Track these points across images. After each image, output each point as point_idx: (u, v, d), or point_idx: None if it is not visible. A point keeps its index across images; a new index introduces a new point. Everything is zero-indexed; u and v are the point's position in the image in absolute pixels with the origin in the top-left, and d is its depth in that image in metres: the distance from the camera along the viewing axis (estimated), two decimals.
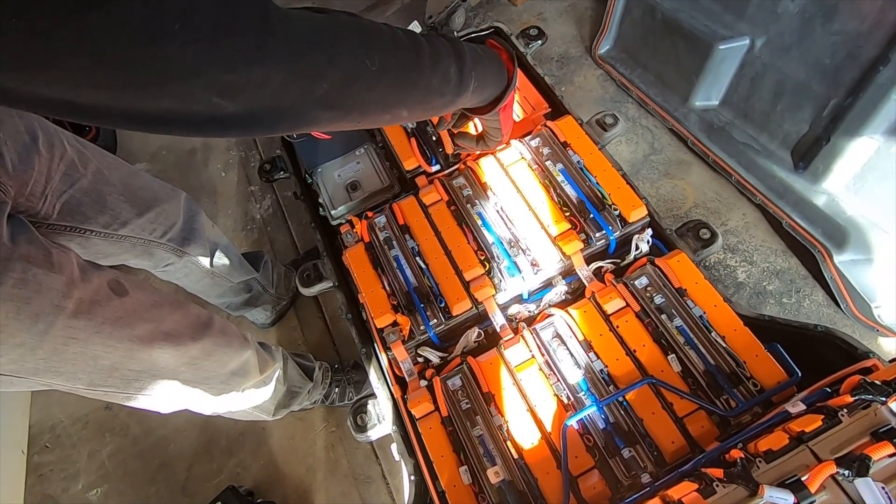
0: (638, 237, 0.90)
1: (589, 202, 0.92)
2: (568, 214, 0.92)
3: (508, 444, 0.75)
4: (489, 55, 0.69)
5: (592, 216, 0.90)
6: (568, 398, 0.77)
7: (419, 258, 0.93)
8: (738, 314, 0.79)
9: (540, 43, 1.29)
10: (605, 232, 0.89)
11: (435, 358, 0.87)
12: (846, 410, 0.58)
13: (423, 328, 0.86)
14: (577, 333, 0.82)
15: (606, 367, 0.78)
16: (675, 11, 1.45)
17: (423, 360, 0.88)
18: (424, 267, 0.92)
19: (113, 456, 1.40)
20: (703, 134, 1.49)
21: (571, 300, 0.91)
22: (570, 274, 0.90)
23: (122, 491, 1.35)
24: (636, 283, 0.85)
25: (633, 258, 0.92)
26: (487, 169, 1.00)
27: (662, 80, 1.59)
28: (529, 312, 0.90)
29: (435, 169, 1.06)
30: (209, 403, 0.89)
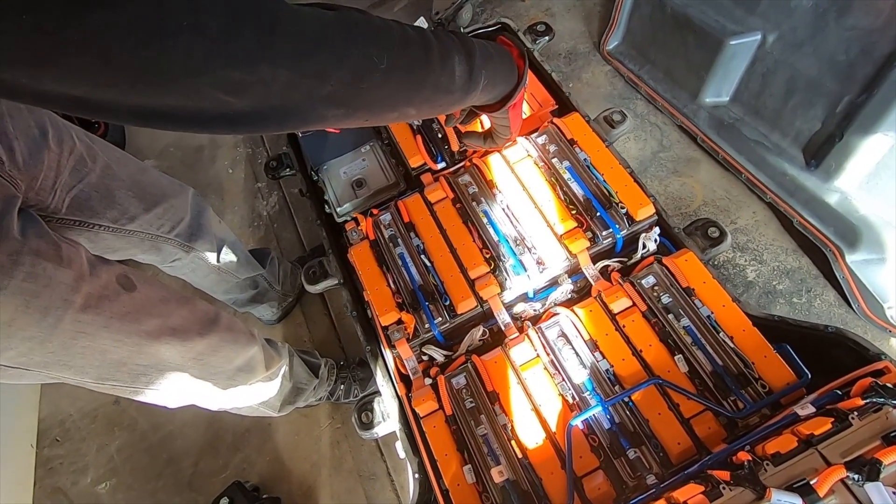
0: (645, 236, 0.89)
1: (595, 200, 0.91)
2: (574, 212, 0.91)
3: (513, 443, 0.75)
4: (499, 52, 0.68)
5: (599, 214, 0.89)
6: (573, 398, 0.77)
7: (424, 256, 0.93)
8: (746, 314, 0.78)
9: (547, 39, 1.27)
10: (611, 230, 0.88)
11: (439, 356, 0.87)
12: (857, 413, 0.57)
13: (427, 326, 0.86)
14: (582, 333, 0.81)
15: (612, 366, 0.77)
16: (684, 6, 1.44)
17: (427, 358, 0.88)
18: (429, 265, 0.91)
19: (121, 450, 1.41)
20: (712, 131, 1.47)
21: (577, 299, 0.90)
22: (575, 273, 0.90)
23: (130, 485, 1.36)
24: (643, 282, 0.84)
25: (640, 257, 0.91)
26: (493, 166, 0.99)
27: (671, 76, 1.57)
28: (535, 311, 0.89)
29: (440, 166, 1.06)
30: (215, 398, 0.90)
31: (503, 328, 0.86)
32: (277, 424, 1.36)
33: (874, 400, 0.57)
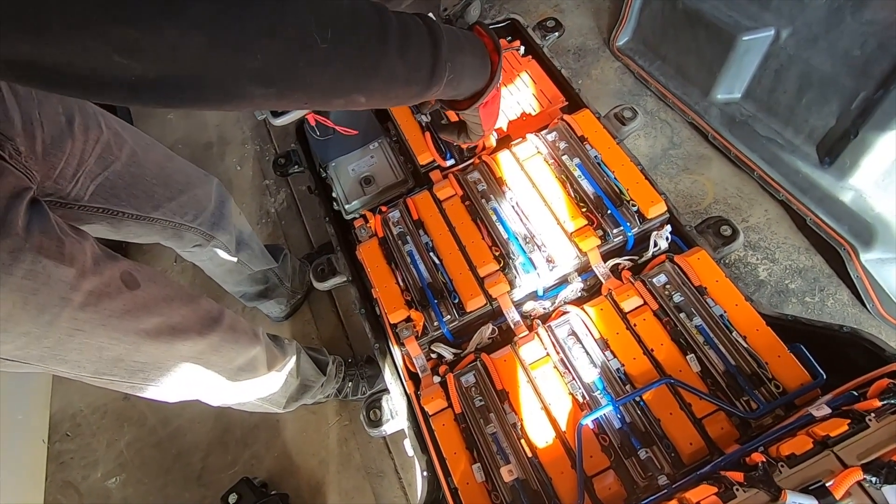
0: (656, 234, 0.88)
1: (606, 197, 0.90)
2: (584, 210, 0.90)
3: (522, 442, 0.74)
4: (472, 44, 0.62)
5: (610, 212, 0.88)
6: (583, 397, 0.76)
7: (433, 253, 0.92)
8: (759, 313, 0.77)
9: (557, 35, 1.26)
10: (622, 228, 0.87)
11: (448, 354, 0.87)
12: (874, 415, 0.56)
13: (436, 324, 0.85)
14: (592, 331, 0.81)
15: (623, 365, 0.77)
16: (696, 1, 1.42)
17: (436, 356, 0.88)
18: (438, 262, 0.91)
19: (131, 445, 1.42)
20: (724, 128, 1.45)
21: (587, 297, 0.89)
22: (585, 271, 0.89)
23: (139, 479, 1.37)
24: (654, 280, 0.83)
25: (651, 255, 0.90)
26: (503, 163, 0.98)
27: (682, 72, 1.55)
28: (544, 309, 0.89)
29: (449, 163, 1.05)
30: (217, 395, 0.90)
31: (512, 326, 0.85)
32: (286, 421, 1.36)
33: (892, 401, 0.56)
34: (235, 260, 1.15)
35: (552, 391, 0.77)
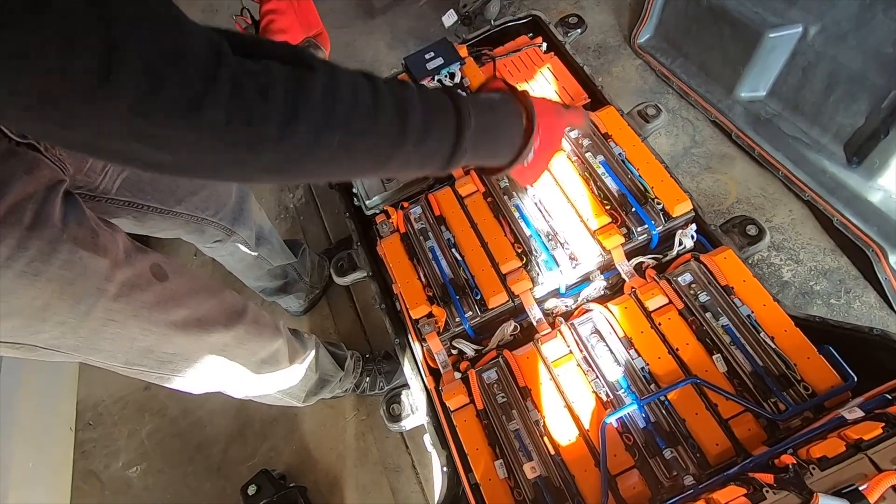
0: (681, 232, 0.87)
1: (631, 195, 0.89)
2: (608, 208, 0.90)
3: (545, 439, 0.74)
4: (507, 122, 0.60)
5: (634, 210, 0.87)
6: (607, 395, 0.76)
7: (455, 250, 0.92)
8: (787, 314, 0.76)
9: (580, 31, 1.25)
10: (647, 226, 0.86)
11: (470, 350, 0.87)
12: None
13: (458, 320, 0.85)
14: (616, 330, 0.80)
15: (647, 364, 0.76)
16: None
17: (457, 352, 0.88)
18: (460, 259, 0.91)
19: (152, 435, 1.45)
20: (748, 126, 1.43)
21: (610, 296, 0.89)
22: (609, 269, 0.88)
23: (160, 469, 1.40)
24: (679, 279, 0.82)
25: (675, 254, 0.89)
26: None
27: (706, 70, 1.53)
28: (567, 307, 0.88)
29: None
30: (240, 387, 0.91)
31: (534, 323, 0.85)
32: (304, 414, 1.37)
33: None
34: (255, 255, 1.16)
35: (575, 389, 0.77)
